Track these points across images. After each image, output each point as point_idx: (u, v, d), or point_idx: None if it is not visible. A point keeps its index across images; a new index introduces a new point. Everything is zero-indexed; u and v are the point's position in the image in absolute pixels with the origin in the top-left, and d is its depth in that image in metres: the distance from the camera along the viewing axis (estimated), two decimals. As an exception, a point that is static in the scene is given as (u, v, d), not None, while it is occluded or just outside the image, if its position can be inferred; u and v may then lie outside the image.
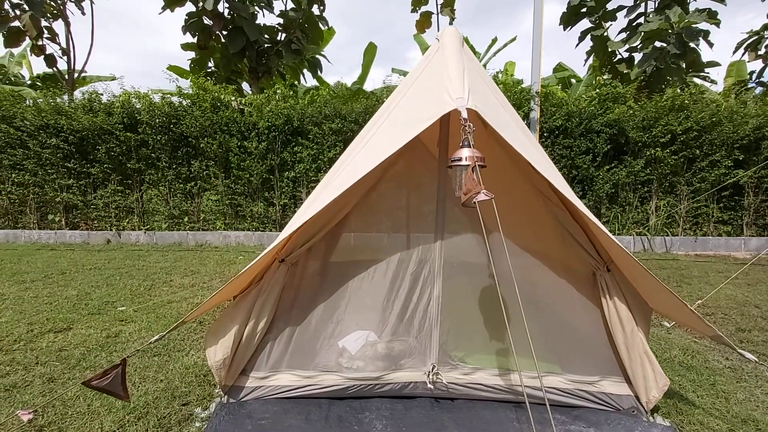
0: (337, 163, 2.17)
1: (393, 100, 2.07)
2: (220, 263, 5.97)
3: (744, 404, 2.22)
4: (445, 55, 1.77)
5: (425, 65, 1.93)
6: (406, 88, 1.96)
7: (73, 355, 2.72)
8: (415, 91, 1.85)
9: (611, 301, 1.96)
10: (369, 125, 2.13)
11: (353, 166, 1.79)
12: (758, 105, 7.46)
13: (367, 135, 1.97)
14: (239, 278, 1.91)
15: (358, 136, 2.13)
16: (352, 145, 2.07)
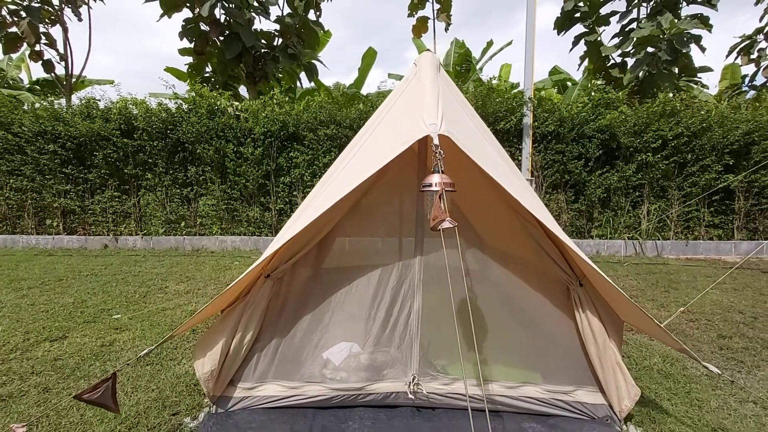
0: (324, 177, 2.24)
1: (376, 118, 2.15)
2: (216, 269, 6.04)
3: (716, 412, 2.30)
4: (421, 80, 1.85)
5: (404, 88, 2.01)
6: (386, 110, 2.04)
7: (67, 364, 2.79)
8: (395, 114, 1.93)
9: (584, 314, 2.04)
10: (355, 140, 2.20)
11: (334, 186, 1.86)
12: (750, 109, 7.55)
13: (351, 152, 2.05)
14: (226, 293, 1.98)
15: (345, 150, 2.21)
16: (338, 160, 2.15)
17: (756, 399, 2.45)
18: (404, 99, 1.93)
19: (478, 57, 16.98)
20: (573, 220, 7.69)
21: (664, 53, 7.80)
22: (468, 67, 16.59)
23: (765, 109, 7.47)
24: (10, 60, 16.02)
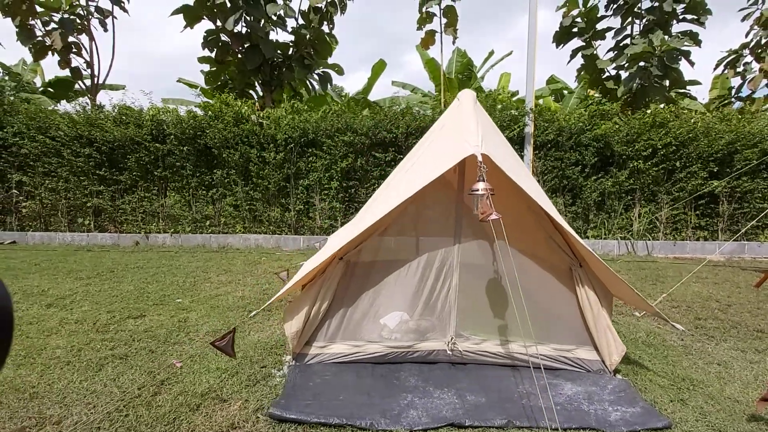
0: (384, 184, 2.86)
1: (426, 138, 2.78)
2: (247, 263, 6.63)
3: (686, 369, 2.92)
4: (463, 111, 2.48)
5: (449, 117, 2.63)
6: (435, 134, 2.67)
7: (159, 334, 3.38)
8: (443, 137, 2.56)
9: (583, 288, 2.66)
10: (409, 156, 2.82)
11: (396, 191, 2.48)
12: (736, 120, 8.22)
13: (407, 164, 2.67)
14: (309, 273, 2.59)
15: (401, 165, 2.83)
16: (396, 170, 2.76)
17: (720, 361, 3.08)
18: (450, 126, 2.56)
19: (479, 65, 17.71)
20: (570, 221, 8.33)
21: (656, 68, 8.50)
22: (469, 75, 17.27)
23: (746, 120, 8.17)
24: (25, 65, 16.57)
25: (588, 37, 10.60)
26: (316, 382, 2.55)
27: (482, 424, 2.14)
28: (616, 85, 10.03)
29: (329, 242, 5.30)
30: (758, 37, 10.47)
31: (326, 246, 4.92)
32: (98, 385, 2.52)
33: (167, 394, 2.41)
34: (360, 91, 17.60)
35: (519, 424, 2.15)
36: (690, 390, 2.59)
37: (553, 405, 2.32)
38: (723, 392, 2.58)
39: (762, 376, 2.82)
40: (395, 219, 2.68)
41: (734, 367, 2.98)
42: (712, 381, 2.74)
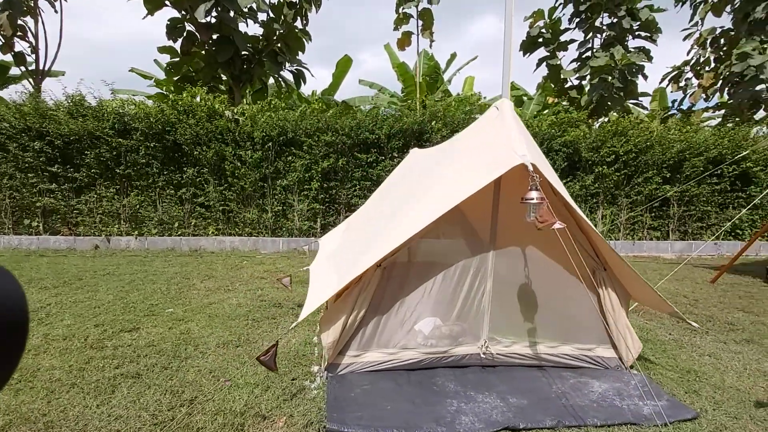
0: (387, 186, 2.83)
1: (458, 144, 2.80)
2: (228, 268, 6.33)
3: (686, 362, 3.19)
4: (505, 121, 2.54)
5: (487, 125, 2.68)
6: (470, 140, 2.70)
7: (165, 349, 3.14)
8: (483, 144, 2.59)
9: (606, 290, 2.82)
10: (436, 162, 2.82)
11: (438, 199, 2.49)
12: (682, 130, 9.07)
13: (439, 171, 2.68)
14: (350, 282, 2.53)
15: (425, 168, 2.82)
16: (417, 174, 2.76)
17: (709, 353, 3.39)
18: (491, 133, 2.60)
19: (443, 68, 18.10)
20: (542, 222, 8.76)
21: (617, 80, 9.16)
22: (436, 77, 17.61)
23: (693, 131, 9.05)
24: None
25: (553, 48, 11.19)
26: (357, 393, 2.50)
27: (535, 426, 2.21)
28: (578, 94, 10.68)
29: (323, 244, 5.20)
30: (698, 55, 11.62)
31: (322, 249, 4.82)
32: (119, 409, 2.30)
33: (203, 415, 2.25)
34: (326, 89, 17.34)
35: (568, 423, 2.24)
36: (698, 381, 2.84)
37: (590, 402, 2.46)
38: (724, 382, 2.85)
39: (749, 366, 3.14)
40: (435, 225, 2.68)
41: (722, 357, 3.30)
42: (711, 372, 3.01)
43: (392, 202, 3.50)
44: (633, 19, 9.74)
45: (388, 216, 2.94)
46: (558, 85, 11.32)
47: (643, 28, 10.16)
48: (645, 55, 9.76)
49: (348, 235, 4.26)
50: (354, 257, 2.80)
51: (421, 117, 8.21)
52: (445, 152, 3.16)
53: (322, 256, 4.54)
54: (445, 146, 3.73)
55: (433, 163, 3.13)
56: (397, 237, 2.48)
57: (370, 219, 3.96)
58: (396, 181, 4.55)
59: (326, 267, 3.55)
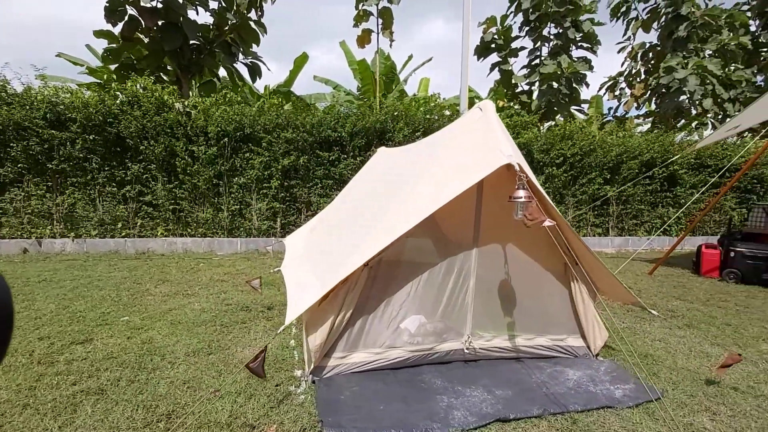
0: (356, 183, 2.81)
1: (439, 143, 2.83)
2: (183, 271, 5.94)
3: (642, 347, 3.48)
4: (490, 122, 2.60)
5: (472, 125, 2.73)
6: (457, 140, 2.74)
7: (127, 361, 2.87)
8: (468, 144, 2.64)
9: (577, 284, 3.00)
10: (416, 160, 2.84)
11: (427, 197, 2.50)
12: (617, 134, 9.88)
13: (424, 170, 2.69)
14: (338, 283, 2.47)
15: (404, 167, 2.83)
16: (401, 174, 2.76)
17: (659, 338, 3.73)
18: (476, 134, 2.66)
19: (399, 69, 18.29)
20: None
21: (564, 87, 9.79)
22: (392, 77, 17.75)
23: (629, 136, 9.90)
24: None
25: (505, 54, 11.70)
26: (347, 395, 2.45)
27: (523, 416, 2.30)
28: (529, 98, 11.26)
29: (290, 244, 5.06)
30: (630, 67, 12.73)
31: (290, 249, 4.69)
32: (85, 429, 2.07)
33: (185, 429, 2.09)
34: (282, 84, 16.84)
35: (552, 411, 2.36)
36: (655, 365, 3.11)
37: (568, 390, 2.60)
38: (677, 364, 3.14)
39: (693, 348, 3.50)
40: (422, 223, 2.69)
41: (671, 342, 3.65)
42: (665, 355, 3.32)
43: (369, 200, 3.47)
44: (577, 30, 10.46)
45: (371, 214, 2.90)
46: (510, 89, 11.86)
47: (585, 39, 10.93)
48: (587, 65, 10.51)
49: (320, 235, 4.17)
50: (339, 257, 2.74)
51: (384, 116, 8.23)
52: (424, 151, 3.18)
53: (291, 256, 4.40)
54: (420, 146, 3.76)
55: (413, 162, 3.14)
56: (387, 235, 2.46)
57: (344, 218, 3.90)
58: (368, 180, 4.52)
59: (302, 268, 3.45)
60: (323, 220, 4.82)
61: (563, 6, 9.85)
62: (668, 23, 11.52)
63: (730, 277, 6.29)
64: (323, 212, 5.45)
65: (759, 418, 2.37)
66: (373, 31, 11.26)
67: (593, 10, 10.77)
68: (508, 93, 12.02)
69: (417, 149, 3.73)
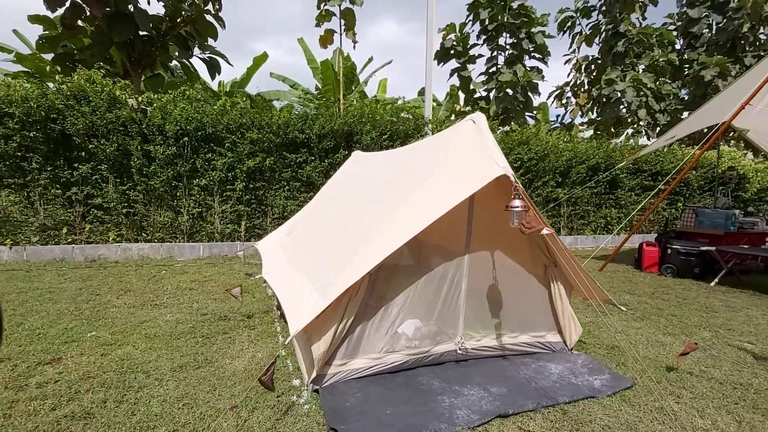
0: (332, 190, 2.87)
1: (432, 152, 2.93)
2: (146, 280, 5.60)
3: (608, 340, 3.82)
4: (483, 134, 2.75)
5: (465, 136, 2.86)
6: (452, 148, 2.86)
7: (109, 380, 2.69)
8: (464, 154, 2.77)
9: (555, 284, 3.24)
10: (407, 168, 2.92)
11: (428, 203, 2.59)
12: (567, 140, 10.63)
13: (420, 179, 2.79)
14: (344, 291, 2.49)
15: (394, 173, 2.91)
16: (393, 181, 2.83)
17: (620, 330, 4.11)
18: (471, 145, 2.79)
19: (360, 69, 18.32)
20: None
21: (520, 95, 10.36)
22: (352, 78, 17.73)
23: (577, 143, 10.67)
24: None
25: (464, 60, 12.14)
26: (352, 402, 2.48)
27: (521, 410, 2.46)
28: (486, 104, 11.78)
29: (265, 249, 4.96)
30: (575, 78, 13.72)
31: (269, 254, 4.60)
32: (81, 457, 1.93)
33: (194, 449, 2.02)
34: (237, 82, 16.23)
35: (544, 404, 2.54)
36: (622, 355, 3.43)
37: (553, 383, 2.82)
38: (639, 353, 3.49)
39: (650, 338, 3.90)
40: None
41: (630, 333, 4.04)
42: (628, 346, 3.67)
43: (360, 206, 3.50)
44: (530, 41, 11.09)
45: (370, 221, 2.94)
46: (468, 95, 12.32)
47: (537, 50, 11.63)
48: (539, 74, 11.19)
49: (302, 240, 4.13)
50: (338, 265, 2.75)
51: (352, 118, 8.23)
52: (413, 159, 3.29)
53: (272, 262, 4.33)
54: (406, 153, 3.86)
55: (405, 169, 3.23)
56: (391, 242, 2.51)
57: (331, 223, 3.90)
58: (350, 184, 4.55)
59: (291, 275, 3.41)
60: (302, 224, 4.77)
61: (518, 18, 10.43)
62: (608, 39, 12.56)
63: (668, 271, 7.02)
64: (299, 216, 5.38)
65: (714, 398, 2.72)
66: (335, 32, 11.19)
67: (544, 23, 11.50)
68: (467, 98, 12.47)
69: (403, 156, 3.82)
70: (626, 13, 11.73)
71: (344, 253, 2.83)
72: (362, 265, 2.50)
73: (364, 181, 4.15)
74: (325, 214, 4.35)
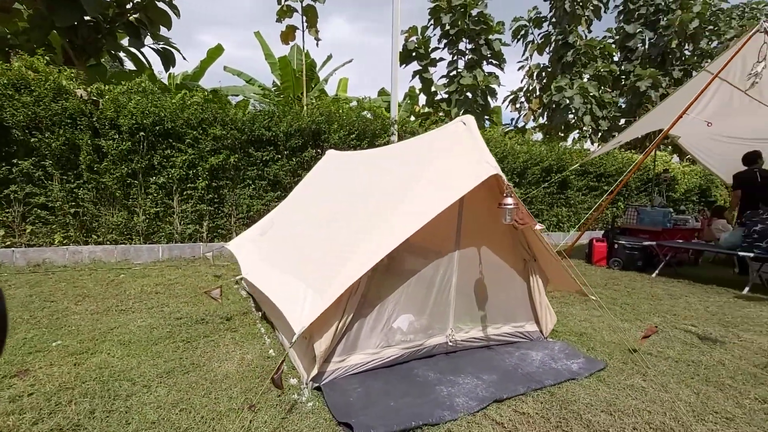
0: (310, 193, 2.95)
1: (419, 151, 3.04)
2: (104, 284, 5.22)
3: (576, 327, 4.14)
4: (474, 135, 2.89)
5: (457, 138, 2.99)
6: (444, 149, 2.97)
7: (91, 390, 2.52)
8: (457, 155, 2.89)
9: (534, 277, 3.48)
10: (395, 166, 3.01)
11: (426, 201, 2.69)
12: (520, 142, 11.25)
13: (413, 177, 2.89)
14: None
15: (381, 173, 2.99)
16: (382, 179, 2.91)
17: (583, 318, 4.46)
18: (463, 146, 2.92)
19: (319, 67, 18.10)
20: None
21: (480, 99, 10.81)
22: (311, 75, 17.49)
23: (531, 145, 11.32)
24: None
25: (426, 63, 12.44)
26: (355, 397, 2.52)
27: (513, 394, 2.63)
28: (448, 106, 12.15)
29: (240, 250, 4.84)
30: (528, 84, 14.52)
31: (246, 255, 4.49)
32: (81, 471, 1.81)
33: (203, 453, 1.96)
34: (190, 75, 15.42)
35: (533, 387, 2.73)
36: (590, 341, 3.74)
37: (536, 369, 3.03)
38: (605, 339, 3.83)
39: (611, 324, 4.27)
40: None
41: (593, 321, 4.40)
42: (593, 333, 4.00)
43: (349, 204, 3.53)
44: (488, 48, 11.60)
45: (365, 217, 2.99)
46: (430, 96, 12.63)
47: (494, 56, 12.18)
48: (497, 79, 11.73)
49: (284, 240, 4.08)
50: (334, 264, 2.76)
51: (320, 117, 8.17)
52: (401, 158, 3.39)
53: (250, 262, 4.24)
54: (391, 151, 3.95)
55: (394, 168, 3.32)
56: (391, 239, 2.58)
57: (318, 222, 3.88)
58: (332, 183, 4.55)
59: (279, 275, 3.37)
60: (278, 225, 4.70)
61: (478, 25, 10.87)
62: (558, 49, 13.44)
63: (615, 264, 7.68)
64: (272, 216, 5.29)
65: (673, 374, 3.06)
66: (297, 28, 11.02)
67: (501, 31, 12.08)
68: (429, 100, 12.78)
69: (386, 157, 3.90)
70: (574, 25, 12.63)
71: (341, 252, 2.86)
72: (364, 261, 2.55)
73: (346, 180, 4.18)
74: (306, 213, 4.32)
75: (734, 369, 3.19)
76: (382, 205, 2.97)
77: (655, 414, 2.47)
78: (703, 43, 14.56)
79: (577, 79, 12.69)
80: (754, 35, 5.38)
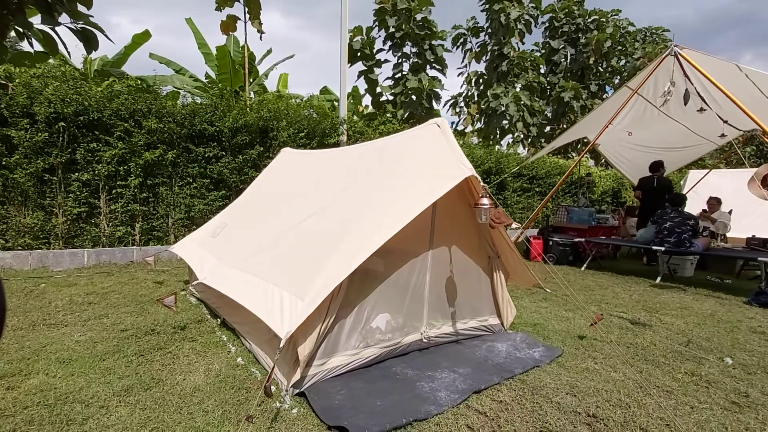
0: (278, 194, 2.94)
1: (391, 152, 3.08)
2: (22, 296, 4.57)
3: (529, 318, 4.45)
4: (449, 138, 2.99)
5: (431, 141, 3.06)
6: (419, 151, 3.03)
7: (37, 416, 2.18)
8: (432, 157, 2.96)
9: (497, 272, 3.68)
10: (365, 167, 3.04)
11: (405, 202, 2.73)
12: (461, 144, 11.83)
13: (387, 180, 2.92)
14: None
15: (349, 172, 3.01)
16: (352, 181, 2.92)
17: (534, 310, 4.81)
18: (438, 148, 2.99)
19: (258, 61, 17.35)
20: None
21: (425, 102, 11.13)
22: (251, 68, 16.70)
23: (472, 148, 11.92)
24: None
25: (372, 64, 12.53)
26: (340, 399, 2.48)
27: (490, 384, 2.77)
28: (394, 108, 12.35)
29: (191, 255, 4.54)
30: (467, 90, 15.26)
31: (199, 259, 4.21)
32: None
33: (190, 474, 1.81)
34: (110, 62, 13.90)
35: (505, 376, 2.90)
36: (543, 330, 4.05)
37: (504, 359, 3.23)
38: (555, 328, 4.17)
39: (557, 315, 4.66)
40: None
41: (542, 312, 4.76)
42: (544, 322, 4.34)
43: (314, 206, 3.44)
44: (432, 52, 12.00)
45: (339, 221, 2.94)
46: (375, 97, 12.74)
47: (437, 62, 12.63)
48: (440, 84, 12.18)
49: (246, 242, 3.87)
50: (312, 267, 2.69)
51: (267, 113, 7.85)
52: (371, 159, 3.42)
53: (209, 267, 3.99)
54: (359, 151, 3.94)
55: (364, 169, 3.34)
56: (371, 242, 2.58)
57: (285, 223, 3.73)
58: (291, 184, 4.42)
59: (249, 279, 3.21)
60: (235, 225, 4.46)
61: (423, 30, 11.19)
62: (493, 58, 14.30)
63: (550, 259, 8.37)
64: (225, 216, 5.00)
65: (618, 356, 3.43)
66: (239, 19, 10.49)
67: (443, 38, 12.55)
68: (374, 101, 12.88)
69: (353, 157, 3.88)
70: (508, 37, 13.53)
71: (317, 254, 2.79)
72: (345, 264, 2.52)
73: (311, 181, 4.07)
74: (267, 214, 4.15)
75: (664, 348, 3.67)
76: (358, 208, 2.95)
77: (611, 392, 2.76)
78: (614, 60, 16.43)
79: (511, 87, 13.62)
80: (666, 58, 6.21)
